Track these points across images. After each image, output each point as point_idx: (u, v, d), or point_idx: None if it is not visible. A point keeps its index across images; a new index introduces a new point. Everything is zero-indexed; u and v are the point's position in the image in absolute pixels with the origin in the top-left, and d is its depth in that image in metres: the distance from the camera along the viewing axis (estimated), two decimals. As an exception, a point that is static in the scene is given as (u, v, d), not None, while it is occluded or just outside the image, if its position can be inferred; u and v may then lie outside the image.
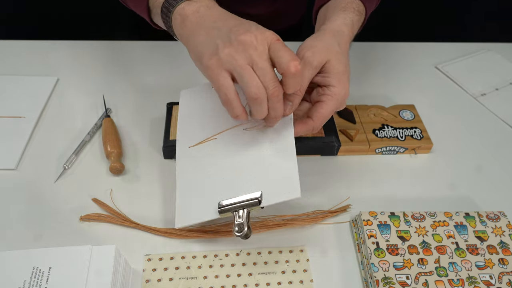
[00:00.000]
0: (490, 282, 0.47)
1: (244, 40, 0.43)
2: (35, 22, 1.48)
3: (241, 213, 0.47)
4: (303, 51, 0.49)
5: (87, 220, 0.53)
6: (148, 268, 0.49)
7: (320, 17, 0.57)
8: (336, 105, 0.49)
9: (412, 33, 1.23)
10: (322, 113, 0.49)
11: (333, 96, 0.48)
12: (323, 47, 0.48)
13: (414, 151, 0.64)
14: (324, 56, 0.48)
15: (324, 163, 0.62)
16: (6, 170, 0.58)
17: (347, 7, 0.54)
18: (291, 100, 0.49)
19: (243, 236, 0.46)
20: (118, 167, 0.57)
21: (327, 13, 0.55)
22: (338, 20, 0.52)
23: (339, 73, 0.48)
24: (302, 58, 0.48)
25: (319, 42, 0.49)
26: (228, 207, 0.48)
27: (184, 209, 0.52)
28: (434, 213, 0.53)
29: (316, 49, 0.48)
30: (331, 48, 0.49)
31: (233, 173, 0.51)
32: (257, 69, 0.43)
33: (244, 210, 0.47)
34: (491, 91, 0.77)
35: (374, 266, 0.48)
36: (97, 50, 0.79)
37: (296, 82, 0.44)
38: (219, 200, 0.49)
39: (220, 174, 0.52)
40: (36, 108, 0.67)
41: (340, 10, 0.53)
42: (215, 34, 0.45)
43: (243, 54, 0.43)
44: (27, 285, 0.41)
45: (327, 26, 0.52)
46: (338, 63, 0.48)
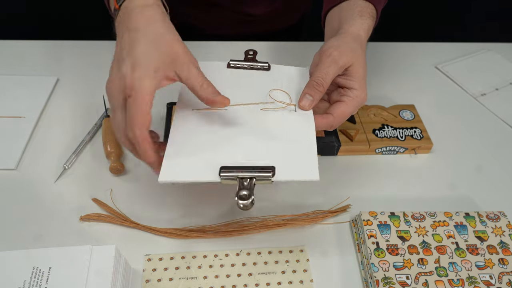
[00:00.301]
0: (490, 282, 0.47)
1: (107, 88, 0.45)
2: (35, 22, 1.48)
3: (247, 183, 0.42)
4: (330, 50, 0.49)
5: (87, 220, 0.53)
6: (148, 268, 0.49)
7: (333, 19, 0.56)
8: (356, 107, 0.51)
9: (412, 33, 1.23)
10: (342, 111, 0.50)
11: (354, 99, 0.50)
12: (348, 49, 0.50)
13: (414, 151, 0.64)
14: (350, 58, 0.49)
15: (324, 163, 0.62)
16: (6, 170, 0.58)
17: (363, 12, 0.54)
18: (312, 94, 0.49)
19: (244, 207, 0.42)
20: (118, 167, 0.57)
21: (342, 16, 0.54)
22: (356, 24, 0.52)
23: (361, 77, 0.50)
24: (329, 56, 0.49)
25: (344, 43, 0.50)
26: (233, 172, 0.43)
27: (174, 163, 0.44)
28: (434, 213, 0.53)
29: (343, 50, 0.49)
30: (355, 51, 0.50)
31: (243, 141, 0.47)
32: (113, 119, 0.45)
33: (252, 180, 0.42)
34: (491, 91, 0.77)
35: (374, 266, 0.48)
36: (97, 50, 0.79)
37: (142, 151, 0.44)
38: (221, 161, 0.44)
39: (227, 139, 0.47)
40: (36, 108, 0.67)
41: (357, 14, 0.53)
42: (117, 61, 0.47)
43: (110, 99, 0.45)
44: (27, 285, 0.41)
45: (347, 30, 0.52)
46: (360, 68, 0.50)
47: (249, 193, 0.42)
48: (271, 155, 0.46)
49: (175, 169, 0.44)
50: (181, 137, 0.47)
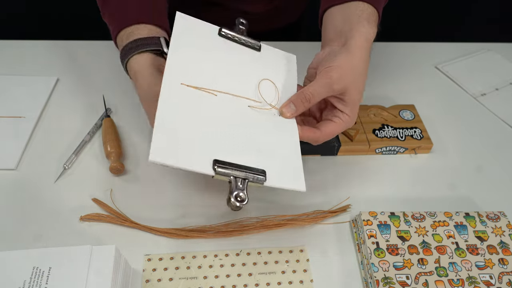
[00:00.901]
0: (490, 282, 0.47)
1: None
2: (35, 22, 1.48)
3: (241, 183, 0.42)
4: (331, 71, 0.49)
5: (87, 220, 0.53)
6: (148, 268, 0.49)
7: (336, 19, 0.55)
8: (344, 129, 0.52)
9: (412, 33, 1.23)
10: (330, 131, 0.51)
11: (344, 122, 0.51)
12: (349, 73, 0.49)
13: (414, 151, 0.64)
14: (347, 84, 0.49)
15: (324, 163, 0.62)
16: (6, 170, 0.58)
17: (370, 19, 0.53)
18: (296, 105, 0.50)
19: (238, 208, 0.42)
20: (118, 167, 0.57)
21: (349, 20, 0.53)
22: (365, 32, 0.51)
23: (354, 103, 0.51)
24: (327, 78, 0.49)
25: (348, 64, 0.49)
26: (228, 169, 0.42)
27: (164, 143, 0.41)
28: (434, 213, 0.53)
29: (344, 74, 0.49)
30: (356, 75, 0.50)
31: (233, 135, 0.46)
32: None
33: (246, 181, 0.43)
34: (491, 91, 0.77)
35: (374, 266, 0.48)
36: (97, 50, 0.79)
37: None
38: (213, 155, 0.43)
39: (217, 129, 0.46)
40: (36, 108, 0.67)
41: (365, 20, 0.52)
42: None
43: None
44: (27, 285, 0.41)
45: (356, 42, 0.50)
46: (356, 92, 0.50)
47: (246, 195, 0.42)
48: (260, 158, 0.46)
49: (166, 150, 0.41)
50: (170, 115, 0.43)
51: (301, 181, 0.46)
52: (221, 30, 0.53)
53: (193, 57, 0.49)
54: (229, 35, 0.53)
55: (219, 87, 0.49)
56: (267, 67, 0.54)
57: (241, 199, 0.41)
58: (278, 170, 0.46)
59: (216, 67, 0.50)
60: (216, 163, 0.42)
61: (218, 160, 0.43)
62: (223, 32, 0.53)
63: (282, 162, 0.47)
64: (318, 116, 0.56)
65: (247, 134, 0.47)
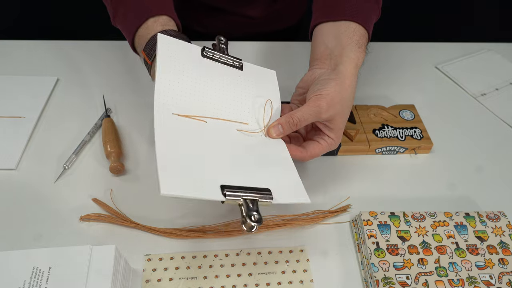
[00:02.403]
0: (490, 282, 0.47)
1: None
2: (35, 22, 1.48)
3: (253, 205, 0.42)
4: (320, 99, 0.50)
5: (87, 220, 0.53)
6: (148, 268, 0.49)
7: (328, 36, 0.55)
8: (327, 150, 0.54)
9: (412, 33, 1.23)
10: (316, 152, 0.53)
11: (329, 144, 0.53)
12: (338, 102, 0.51)
13: (414, 151, 0.64)
14: (335, 113, 0.51)
15: (324, 163, 0.62)
16: (6, 170, 0.58)
17: (361, 43, 0.53)
18: (284, 128, 0.51)
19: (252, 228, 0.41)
20: (118, 167, 0.57)
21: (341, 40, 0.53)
22: (355, 59, 0.52)
23: (339, 129, 0.53)
24: (317, 107, 0.50)
25: (338, 95, 0.50)
26: (237, 192, 0.42)
27: (171, 176, 0.41)
28: (434, 213, 0.53)
29: (333, 103, 0.50)
30: (344, 105, 0.51)
31: (229, 158, 0.47)
32: None
33: (255, 201, 0.43)
34: (491, 91, 0.77)
35: (374, 266, 0.48)
36: (97, 50, 0.79)
37: None
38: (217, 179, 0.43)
39: (214, 153, 0.47)
40: (36, 108, 0.67)
41: (356, 45, 0.53)
42: None
43: None
44: (27, 285, 0.41)
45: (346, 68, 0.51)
46: (341, 121, 0.52)
47: (260, 215, 0.42)
48: (260, 178, 0.46)
49: (175, 182, 0.41)
50: (169, 148, 0.44)
51: (304, 193, 0.48)
52: (204, 51, 0.53)
53: (180, 83, 0.50)
54: (213, 57, 0.54)
55: (208, 113, 0.50)
56: (251, 86, 0.55)
57: (256, 219, 0.41)
58: (280, 187, 0.46)
59: (203, 92, 0.51)
60: (224, 189, 0.42)
61: (225, 185, 0.43)
62: (207, 53, 0.53)
63: (281, 179, 0.48)
64: (303, 134, 0.57)
65: (242, 156, 0.49)
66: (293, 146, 0.53)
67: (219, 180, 0.43)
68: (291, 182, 0.48)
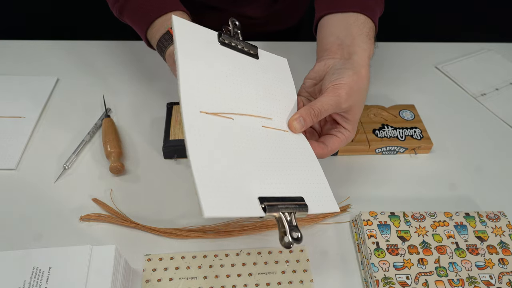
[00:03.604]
0: (490, 282, 0.47)
1: None
2: (35, 22, 1.48)
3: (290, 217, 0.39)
4: (341, 89, 0.49)
5: (87, 220, 0.53)
6: (148, 268, 0.49)
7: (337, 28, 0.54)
8: (345, 144, 0.52)
9: (412, 33, 1.23)
10: (336, 146, 0.52)
11: (346, 138, 0.52)
12: (357, 92, 0.50)
13: (414, 151, 0.64)
14: (353, 102, 0.50)
15: (324, 163, 0.62)
16: (6, 170, 0.58)
17: (370, 35, 0.53)
18: (305, 120, 0.49)
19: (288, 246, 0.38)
20: (118, 167, 0.57)
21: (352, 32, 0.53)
22: (367, 50, 0.52)
23: (355, 120, 0.52)
24: (337, 96, 0.49)
25: (356, 83, 0.50)
26: (275, 206, 0.40)
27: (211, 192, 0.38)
28: (434, 213, 0.53)
29: (352, 93, 0.49)
30: (362, 95, 0.51)
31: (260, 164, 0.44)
32: None
33: (292, 214, 0.40)
34: (491, 91, 0.77)
35: (374, 266, 0.48)
36: (97, 50, 0.79)
37: None
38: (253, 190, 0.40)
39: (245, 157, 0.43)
40: (36, 108, 0.67)
41: (366, 36, 0.53)
42: None
43: None
44: (27, 285, 0.41)
45: (361, 58, 0.51)
46: (358, 111, 0.51)
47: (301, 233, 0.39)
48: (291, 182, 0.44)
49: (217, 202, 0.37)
50: (203, 158, 0.40)
51: (333, 201, 0.45)
52: (221, 37, 0.50)
53: (203, 73, 0.46)
54: (230, 43, 0.51)
55: (233, 108, 0.46)
56: (269, 77, 0.53)
57: (296, 238, 0.38)
58: (311, 194, 0.44)
59: (226, 84, 0.47)
60: (263, 202, 0.39)
61: (263, 198, 0.40)
62: (223, 40, 0.50)
63: (310, 184, 0.46)
64: (318, 129, 0.56)
65: (270, 157, 0.46)
66: (314, 142, 0.51)
67: (254, 189, 0.40)
68: (320, 188, 0.46)
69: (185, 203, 0.56)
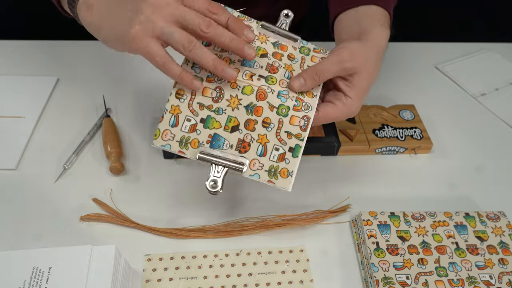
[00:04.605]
0: (490, 282, 0.47)
1: (154, 2, 0.42)
2: (35, 22, 1.48)
3: (220, 170, 0.45)
4: (342, 49, 0.48)
5: (87, 220, 0.53)
6: (148, 268, 0.49)
7: (350, 23, 0.54)
8: (344, 115, 0.50)
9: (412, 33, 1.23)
10: (328, 113, 0.49)
11: (345, 105, 0.49)
12: (362, 56, 0.49)
13: (414, 151, 0.64)
14: (358, 65, 0.48)
15: (324, 163, 0.62)
16: (6, 170, 0.58)
17: (383, 21, 0.53)
18: (305, 79, 0.48)
19: (213, 192, 0.45)
20: (118, 167, 0.57)
21: (363, 22, 0.53)
22: (379, 32, 0.51)
23: (361, 89, 0.49)
24: (338, 55, 0.48)
25: (361, 49, 0.49)
26: (209, 158, 0.46)
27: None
28: (434, 213, 0.53)
29: (356, 54, 0.48)
30: (368, 62, 0.49)
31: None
32: (183, 20, 0.43)
33: (224, 168, 0.46)
34: (491, 91, 0.77)
35: (374, 266, 0.48)
36: (97, 50, 0.79)
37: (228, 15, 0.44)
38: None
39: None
40: (36, 108, 0.67)
41: (378, 22, 0.52)
42: (125, 8, 0.44)
43: (160, 15, 0.42)
44: (27, 285, 0.41)
45: (369, 37, 0.50)
46: (364, 80, 0.49)
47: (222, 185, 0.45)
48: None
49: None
50: None
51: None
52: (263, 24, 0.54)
53: None
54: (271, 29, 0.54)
55: None
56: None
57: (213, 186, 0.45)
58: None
59: None
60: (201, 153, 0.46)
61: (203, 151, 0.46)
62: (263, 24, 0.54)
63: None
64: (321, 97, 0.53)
65: None
66: None
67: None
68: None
69: (185, 203, 0.56)
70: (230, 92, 0.48)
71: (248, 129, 0.47)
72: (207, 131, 0.47)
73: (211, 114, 0.47)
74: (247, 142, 0.47)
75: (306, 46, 0.53)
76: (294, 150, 0.47)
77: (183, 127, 0.47)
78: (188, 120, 0.47)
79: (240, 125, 0.47)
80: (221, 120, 0.47)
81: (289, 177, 0.46)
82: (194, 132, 0.47)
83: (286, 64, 0.51)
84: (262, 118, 0.47)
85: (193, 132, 0.47)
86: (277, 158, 0.47)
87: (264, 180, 0.46)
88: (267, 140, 0.47)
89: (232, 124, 0.47)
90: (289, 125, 0.48)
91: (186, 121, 0.47)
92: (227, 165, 0.46)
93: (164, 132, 0.47)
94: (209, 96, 0.48)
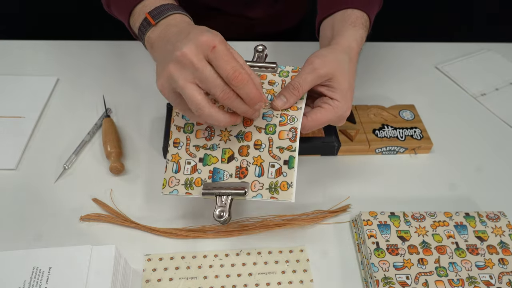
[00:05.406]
0: (490, 282, 0.47)
1: (179, 57, 0.42)
2: (35, 22, 1.48)
3: (224, 199, 0.47)
4: (313, 58, 0.50)
5: (87, 220, 0.53)
6: (148, 268, 0.49)
7: (326, 29, 0.57)
8: (335, 118, 0.51)
9: (412, 33, 1.23)
10: (318, 118, 0.50)
11: (334, 108, 0.50)
12: (333, 60, 0.50)
13: (414, 151, 0.64)
14: (332, 69, 0.49)
15: (324, 163, 0.62)
16: (6, 170, 0.58)
17: (357, 22, 0.54)
18: (286, 97, 0.50)
19: (222, 222, 0.47)
20: (118, 167, 0.57)
21: (335, 26, 0.54)
22: (349, 35, 0.52)
23: (344, 90, 0.50)
24: (310, 64, 0.49)
25: (331, 54, 0.50)
26: (212, 191, 0.48)
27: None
28: (434, 213, 0.53)
29: (327, 60, 0.49)
30: (341, 64, 0.50)
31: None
32: (201, 84, 0.43)
33: (228, 197, 0.47)
34: (491, 91, 0.77)
35: (374, 266, 0.48)
36: (97, 50, 0.79)
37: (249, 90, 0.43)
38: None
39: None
40: (36, 108, 0.67)
41: (350, 25, 0.53)
42: (166, 55, 0.45)
43: (181, 73, 0.43)
44: (27, 285, 0.41)
45: (338, 41, 0.52)
46: (344, 80, 0.50)
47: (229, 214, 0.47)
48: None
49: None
50: None
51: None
52: None
53: None
54: None
55: None
56: None
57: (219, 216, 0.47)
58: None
59: None
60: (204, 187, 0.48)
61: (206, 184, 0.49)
62: None
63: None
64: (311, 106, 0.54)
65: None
66: None
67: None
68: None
69: (185, 203, 0.56)
70: (220, 127, 0.51)
71: (243, 155, 0.49)
72: (207, 168, 0.50)
73: (207, 152, 0.51)
74: (244, 167, 0.49)
75: (284, 69, 0.54)
76: (289, 162, 0.48)
77: (185, 170, 0.50)
78: (188, 163, 0.51)
79: (235, 154, 0.49)
80: (217, 155, 0.50)
81: (289, 188, 0.47)
82: (195, 172, 0.50)
83: (268, 89, 0.52)
84: (253, 142, 0.49)
85: (195, 172, 0.50)
86: (275, 173, 0.48)
87: (267, 198, 0.47)
88: (261, 160, 0.49)
89: (228, 155, 0.50)
90: (279, 141, 0.49)
91: (187, 164, 0.51)
92: (230, 193, 0.47)
93: (170, 179, 0.50)
94: (202, 136, 0.51)
